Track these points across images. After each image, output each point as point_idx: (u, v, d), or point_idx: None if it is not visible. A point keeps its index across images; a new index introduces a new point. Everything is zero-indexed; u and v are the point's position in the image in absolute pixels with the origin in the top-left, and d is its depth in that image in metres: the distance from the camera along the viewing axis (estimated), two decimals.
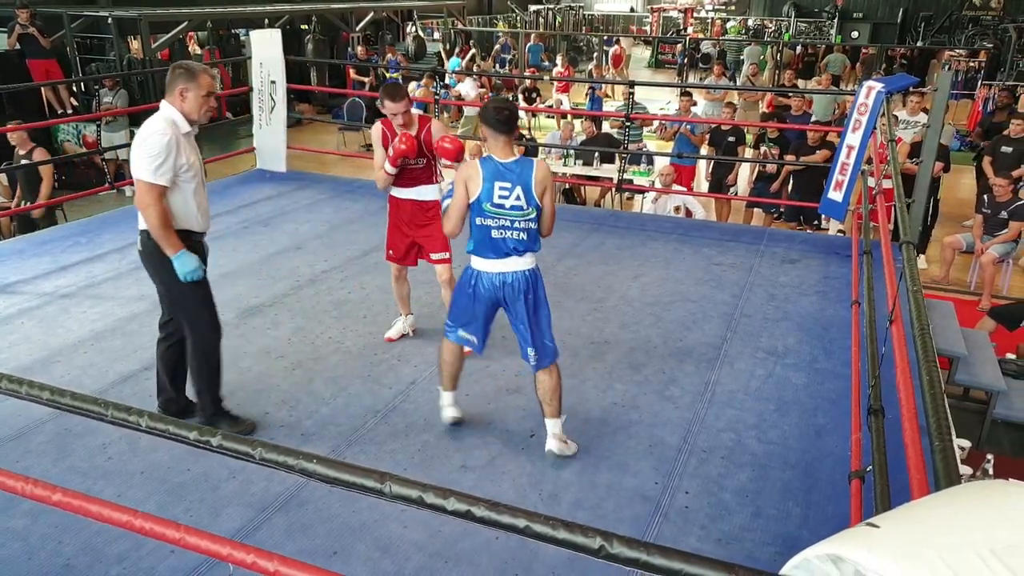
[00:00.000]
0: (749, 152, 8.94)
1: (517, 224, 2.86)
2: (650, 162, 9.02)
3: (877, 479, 2.13)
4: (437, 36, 19.96)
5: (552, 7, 26.52)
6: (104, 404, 1.49)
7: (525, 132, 11.56)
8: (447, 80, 12.73)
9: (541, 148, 9.33)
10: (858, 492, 2.38)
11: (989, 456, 2.20)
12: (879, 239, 4.06)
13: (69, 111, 10.56)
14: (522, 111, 13.36)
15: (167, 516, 2.10)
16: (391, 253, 3.94)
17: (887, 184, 4.63)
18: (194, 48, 15.35)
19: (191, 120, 2.96)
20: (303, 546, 2.56)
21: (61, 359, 3.83)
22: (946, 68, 7.31)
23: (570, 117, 10.44)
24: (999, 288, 7.01)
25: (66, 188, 9.19)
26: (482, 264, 2.94)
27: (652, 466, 3.05)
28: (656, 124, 11.22)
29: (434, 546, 2.57)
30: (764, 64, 17.86)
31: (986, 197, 7.17)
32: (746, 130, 8.76)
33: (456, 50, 17.87)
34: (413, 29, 18.31)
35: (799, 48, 19.25)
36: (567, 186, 9.30)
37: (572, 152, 8.70)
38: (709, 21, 27.62)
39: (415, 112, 3.81)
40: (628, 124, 7.38)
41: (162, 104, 2.96)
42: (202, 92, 2.93)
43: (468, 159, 2.93)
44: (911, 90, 7.91)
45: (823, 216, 7.48)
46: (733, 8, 28.77)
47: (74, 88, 11.12)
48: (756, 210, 8.45)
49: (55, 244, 5.42)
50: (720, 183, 8.50)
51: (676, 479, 2.97)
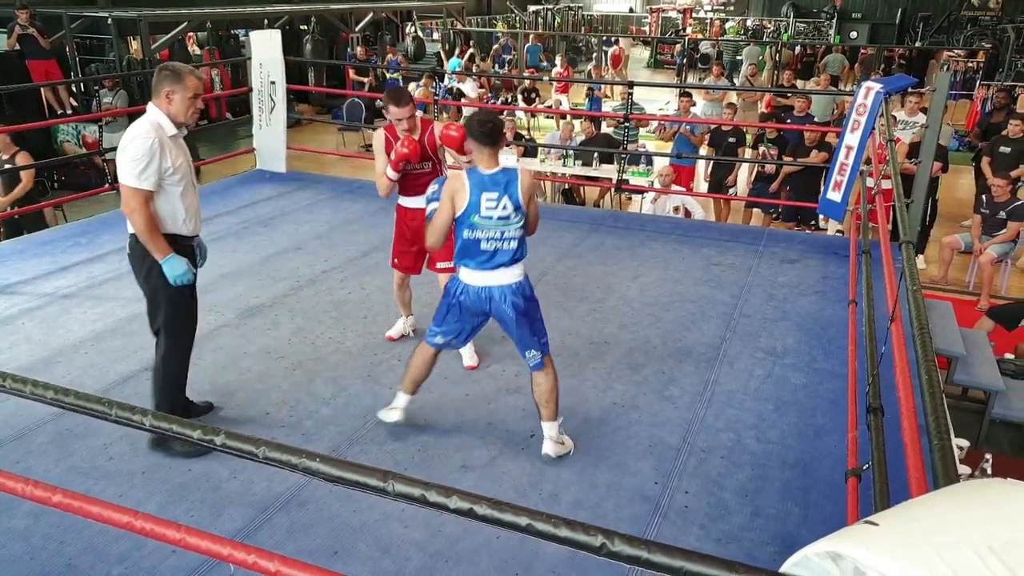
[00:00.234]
0: (748, 152, 8.95)
1: (507, 234, 2.85)
2: (649, 162, 9.02)
3: (876, 478, 2.14)
4: (436, 37, 19.97)
5: (551, 7, 26.54)
6: (108, 404, 1.50)
7: (524, 132, 11.55)
8: (446, 81, 12.72)
9: (541, 148, 9.34)
10: (854, 490, 2.38)
11: (987, 456, 2.21)
12: (878, 239, 4.08)
13: (69, 112, 10.57)
14: (521, 111, 13.39)
15: (168, 516, 2.11)
16: (396, 262, 3.93)
17: (886, 184, 4.63)
18: (193, 49, 15.35)
19: (177, 123, 2.89)
20: (304, 546, 2.57)
21: (62, 359, 3.83)
22: (944, 68, 7.34)
23: (569, 117, 10.44)
24: (997, 288, 7.02)
25: (66, 188, 9.20)
26: (470, 276, 2.92)
27: (652, 466, 3.06)
28: (654, 124, 11.21)
29: (435, 545, 2.58)
30: (763, 64, 17.89)
31: (984, 197, 7.18)
32: (745, 131, 8.77)
33: (456, 51, 17.88)
34: (412, 30, 18.32)
35: (798, 48, 19.29)
36: (566, 186, 9.31)
37: (571, 152, 8.71)
38: (708, 21, 27.63)
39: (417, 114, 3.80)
40: (626, 125, 7.40)
41: (148, 106, 2.89)
42: (188, 94, 2.86)
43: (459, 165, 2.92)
44: (910, 90, 7.92)
45: (820, 216, 7.51)
46: (732, 8, 28.79)
47: (74, 89, 11.12)
48: (755, 210, 8.45)
49: (55, 244, 5.42)
50: (720, 184, 8.49)
51: (675, 479, 2.98)
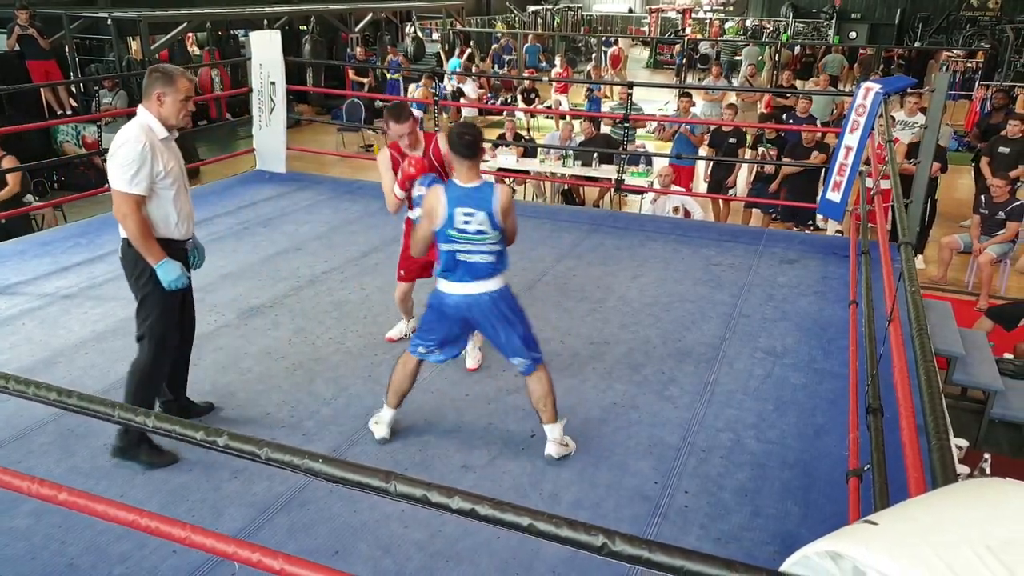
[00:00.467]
0: (747, 153, 8.96)
1: (483, 248, 2.84)
2: (649, 163, 9.03)
3: (875, 477, 2.14)
4: (436, 37, 19.97)
5: (551, 8, 26.55)
6: (111, 404, 1.50)
7: (524, 133, 11.55)
8: (446, 81, 12.73)
9: (540, 149, 9.34)
10: (856, 490, 2.39)
11: (986, 455, 2.21)
12: (877, 239, 4.08)
13: (69, 112, 10.57)
14: (521, 112, 13.39)
15: (169, 516, 2.11)
16: (403, 274, 3.92)
17: (885, 184, 4.64)
18: (193, 49, 15.36)
19: (169, 125, 2.86)
20: (305, 546, 2.58)
21: (63, 360, 3.84)
22: (944, 69, 7.33)
23: (569, 118, 10.45)
24: (997, 288, 7.03)
25: (66, 189, 9.21)
26: (448, 287, 2.93)
27: (651, 466, 3.06)
28: (653, 124, 11.22)
29: (435, 545, 2.58)
30: (762, 65, 17.89)
31: (983, 197, 7.18)
32: (745, 131, 8.77)
33: (456, 51, 17.88)
34: (412, 30, 18.32)
35: (797, 49, 19.28)
36: (566, 187, 9.31)
37: (571, 153, 8.71)
38: (707, 22, 27.64)
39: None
40: (625, 125, 7.40)
41: (139, 109, 2.85)
42: (180, 96, 2.83)
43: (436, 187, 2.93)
44: (909, 91, 7.92)
45: (818, 217, 7.51)
46: (731, 9, 28.78)
47: (73, 89, 11.12)
48: (754, 210, 8.46)
49: (56, 245, 5.43)
50: (719, 184, 8.50)
51: (675, 479, 2.98)
